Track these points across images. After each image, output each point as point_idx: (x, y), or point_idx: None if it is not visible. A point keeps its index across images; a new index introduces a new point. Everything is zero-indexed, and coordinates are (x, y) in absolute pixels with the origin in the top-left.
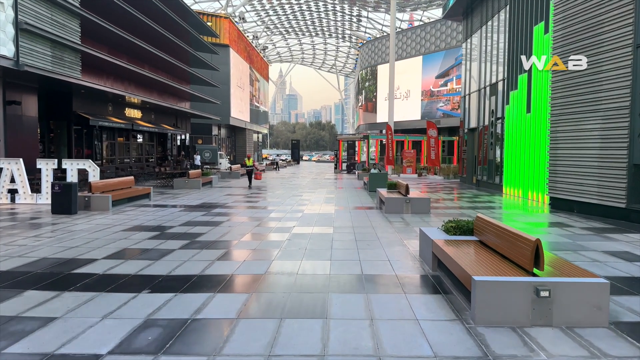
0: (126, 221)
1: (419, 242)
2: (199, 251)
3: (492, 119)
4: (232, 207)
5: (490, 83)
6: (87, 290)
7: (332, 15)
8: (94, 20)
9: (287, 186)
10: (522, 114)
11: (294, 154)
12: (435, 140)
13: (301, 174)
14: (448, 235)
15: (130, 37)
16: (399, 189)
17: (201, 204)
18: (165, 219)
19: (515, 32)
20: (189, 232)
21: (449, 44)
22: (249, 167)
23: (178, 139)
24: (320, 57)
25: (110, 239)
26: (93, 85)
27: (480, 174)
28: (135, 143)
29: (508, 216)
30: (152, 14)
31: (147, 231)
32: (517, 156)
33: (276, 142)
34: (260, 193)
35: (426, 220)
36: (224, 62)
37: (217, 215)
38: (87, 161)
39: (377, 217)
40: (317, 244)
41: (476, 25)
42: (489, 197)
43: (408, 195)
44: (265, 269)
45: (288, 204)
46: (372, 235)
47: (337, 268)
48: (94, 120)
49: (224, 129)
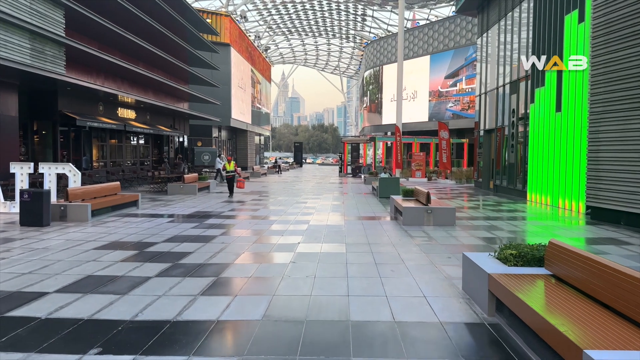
0: (103, 236)
1: (461, 271)
2: (181, 280)
3: (513, 119)
4: (229, 217)
5: (511, 80)
6: (13, 350)
7: (336, 15)
8: (81, 12)
9: (290, 191)
10: (550, 113)
11: (297, 157)
12: (447, 143)
13: (304, 177)
14: (507, 267)
15: (122, 32)
16: (417, 196)
17: (194, 213)
18: (149, 232)
19: (541, 24)
20: (173, 250)
21: (458, 42)
22: (230, 172)
23: (176, 141)
24: (324, 58)
25: (75, 261)
26: (79, 82)
27: (499, 178)
28: (129, 145)
29: (544, 229)
30: (148, 9)
31: (123, 249)
32: (544, 159)
33: (278, 145)
34: (261, 200)
35: (453, 235)
36: (224, 61)
37: (210, 227)
38: (67, 165)
39: (394, 230)
40: (328, 270)
41: (493, 18)
42: (513, 204)
43: (429, 205)
44: (262, 312)
45: (291, 213)
46: (394, 257)
47: (358, 310)
48: (81, 121)
49: (224, 131)
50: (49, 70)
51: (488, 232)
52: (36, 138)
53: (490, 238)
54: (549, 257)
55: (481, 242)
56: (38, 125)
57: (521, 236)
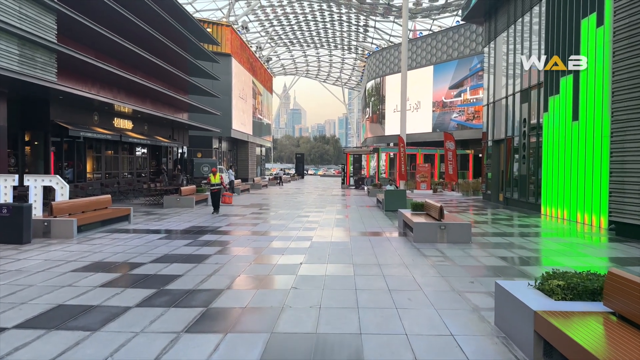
0: (86, 255)
1: (489, 300)
2: (164, 311)
3: (524, 128)
4: (226, 233)
5: (521, 89)
6: None
7: (338, 26)
8: (74, 17)
9: (292, 204)
10: (566, 121)
11: (298, 168)
12: (453, 154)
13: (306, 189)
14: (553, 301)
15: (119, 39)
16: (428, 211)
17: (189, 229)
18: (137, 250)
19: (555, 29)
20: (160, 273)
21: (462, 52)
22: (215, 185)
23: (175, 152)
24: (325, 69)
25: (48, 287)
26: (71, 91)
27: (510, 191)
28: (126, 156)
29: (569, 247)
30: (148, 18)
31: (106, 271)
32: (560, 171)
33: (280, 156)
34: (261, 213)
35: (471, 254)
36: (225, 71)
37: (204, 244)
38: (54, 177)
39: (405, 248)
40: (335, 298)
41: (501, 26)
42: (527, 219)
43: (443, 220)
44: (257, 356)
45: (293, 228)
46: (409, 281)
47: (374, 354)
48: (74, 131)
49: (225, 142)
50: (39, 77)
51: (508, 250)
52: (27, 149)
53: (513, 258)
54: (608, 291)
55: (503, 262)
56: (29, 135)
57: (545, 255)
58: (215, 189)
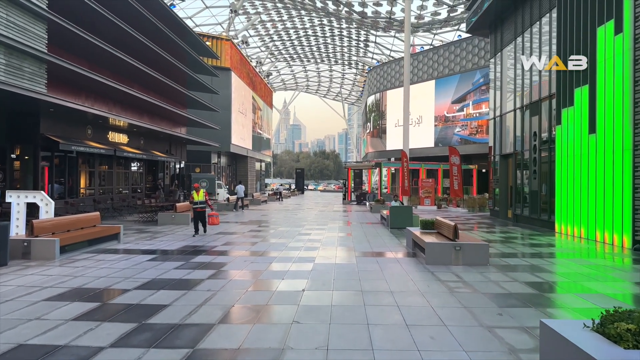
0: (66, 280)
1: (524, 336)
2: (142, 354)
3: (534, 142)
4: (221, 253)
5: (531, 101)
6: None
7: (339, 41)
8: (66, 27)
9: (292, 221)
10: (582, 134)
11: (298, 183)
12: (458, 169)
13: (307, 205)
14: (623, 350)
15: (114, 51)
16: (439, 229)
17: (182, 248)
18: (122, 274)
19: (569, 38)
20: (144, 302)
21: (464, 67)
22: (199, 203)
23: (173, 167)
24: (326, 84)
25: (14, 320)
26: (62, 103)
27: (520, 207)
28: (121, 171)
29: (596, 270)
30: (146, 30)
31: (83, 300)
32: (576, 187)
33: (280, 171)
34: (260, 231)
35: (492, 279)
36: (224, 85)
37: (197, 267)
38: (38, 193)
39: (417, 271)
40: (344, 335)
41: (508, 37)
42: (542, 237)
43: (458, 240)
44: None
45: (294, 248)
46: (429, 313)
47: None
48: (65, 144)
49: (224, 157)
50: (26, 88)
51: (531, 274)
52: (17, 163)
53: (539, 283)
54: None
55: (529, 288)
56: (19, 149)
57: (574, 280)
58: (199, 208)
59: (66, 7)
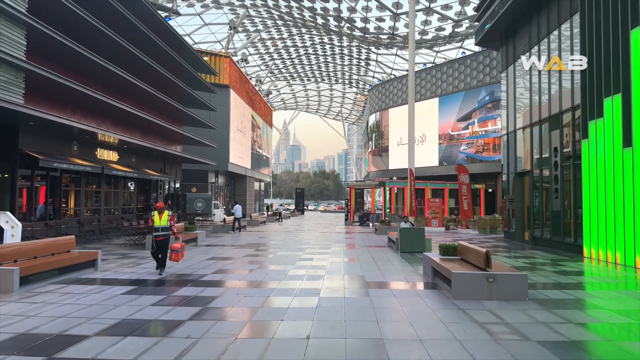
0: (14, 321)
1: None
2: None
3: (555, 159)
4: (211, 284)
5: (550, 114)
6: None
7: (339, 60)
8: (48, 34)
9: (293, 244)
10: (614, 148)
11: (298, 203)
12: (468, 188)
13: (307, 226)
14: None
15: (101, 61)
16: (463, 255)
17: (166, 277)
18: (87, 313)
19: (595, 44)
20: (101, 357)
21: (469, 84)
22: (162, 230)
23: (167, 186)
24: (326, 103)
25: None
26: (41, 115)
27: (539, 229)
28: (110, 191)
29: None
30: (141, 44)
31: (22, 354)
32: (609, 206)
33: (279, 192)
34: (257, 256)
35: (539, 319)
36: (223, 103)
37: (179, 303)
38: (3, 214)
39: (445, 309)
40: None
41: (521, 48)
42: (572, 263)
43: (490, 270)
44: None
45: (294, 277)
46: None
47: None
48: (45, 161)
49: (221, 176)
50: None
51: (582, 311)
52: None
53: (601, 326)
54: None
55: (593, 334)
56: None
57: (637, 319)
58: (160, 237)
59: (54, 16)
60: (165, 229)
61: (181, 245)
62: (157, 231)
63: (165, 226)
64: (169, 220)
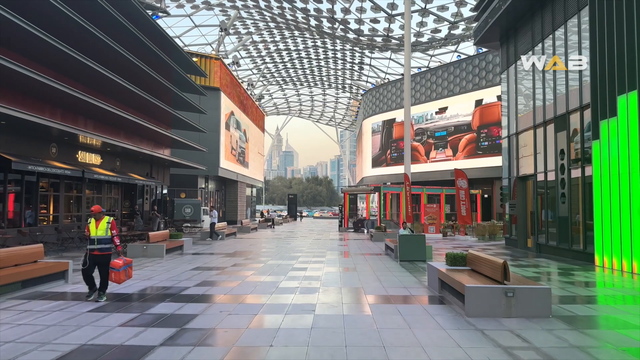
0: None
1: None
2: None
3: (561, 161)
4: (192, 299)
5: (555, 115)
6: None
7: (333, 64)
8: (17, 24)
9: (285, 251)
10: (630, 149)
11: (291, 210)
12: (466, 193)
13: (300, 232)
14: None
15: (83, 59)
16: (473, 266)
17: (143, 291)
18: (41, 337)
19: (607, 41)
20: None
21: (464, 88)
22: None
23: (155, 191)
24: (319, 108)
25: None
26: (9, 112)
27: (544, 236)
28: (92, 196)
29: None
30: (127, 44)
31: None
32: (623, 212)
33: (272, 198)
34: (245, 265)
35: (571, 341)
36: (213, 106)
37: (153, 322)
38: None
39: (461, 330)
40: None
41: (523, 47)
42: (585, 272)
43: (508, 284)
44: None
45: (286, 290)
46: None
47: None
48: (18, 164)
49: (212, 182)
50: None
51: (617, 332)
52: None
53: None
54: None
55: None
56: None
57: None
58: (96, 251)
59: (29, 9)
60: (104, 240)
61: (125, 262)
62: (92, 243)
63: (104, 237)
64: (109, 229)
